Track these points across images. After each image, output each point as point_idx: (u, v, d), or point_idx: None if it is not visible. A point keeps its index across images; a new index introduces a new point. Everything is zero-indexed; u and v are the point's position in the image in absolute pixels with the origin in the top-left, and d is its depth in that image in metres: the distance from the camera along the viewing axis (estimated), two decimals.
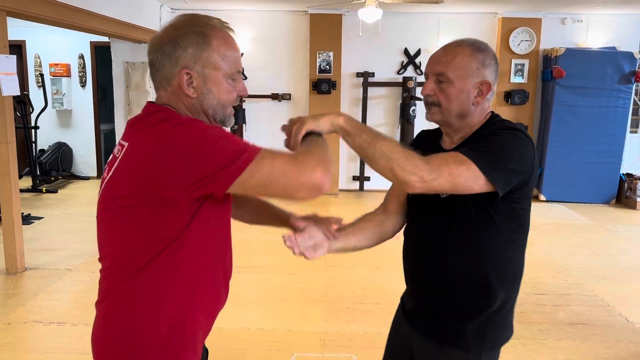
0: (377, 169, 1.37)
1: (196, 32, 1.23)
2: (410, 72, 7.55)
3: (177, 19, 1.27)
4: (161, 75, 1.26)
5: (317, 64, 7.35)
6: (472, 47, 1.48)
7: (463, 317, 1.50)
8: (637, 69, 7.00)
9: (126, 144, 1.22)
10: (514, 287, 1.54)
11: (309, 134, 1.36)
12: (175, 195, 1.16)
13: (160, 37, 1.25)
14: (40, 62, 8.28)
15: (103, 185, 1.28)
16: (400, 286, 1.77)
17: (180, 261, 1.24)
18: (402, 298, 1.73)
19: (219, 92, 1.27)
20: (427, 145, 1.62)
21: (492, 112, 1.55)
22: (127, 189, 1.20)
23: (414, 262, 1.62)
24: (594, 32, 7.34)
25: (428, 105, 1.51)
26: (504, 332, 1.55)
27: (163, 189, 1.15)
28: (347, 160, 7.71)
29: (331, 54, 7.29)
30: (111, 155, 1.30)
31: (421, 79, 7.48)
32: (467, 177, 1.33)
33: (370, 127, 1.41)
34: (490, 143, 1.40)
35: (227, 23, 1.31)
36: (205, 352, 1.51)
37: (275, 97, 7.61)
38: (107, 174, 1.26)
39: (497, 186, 1.36)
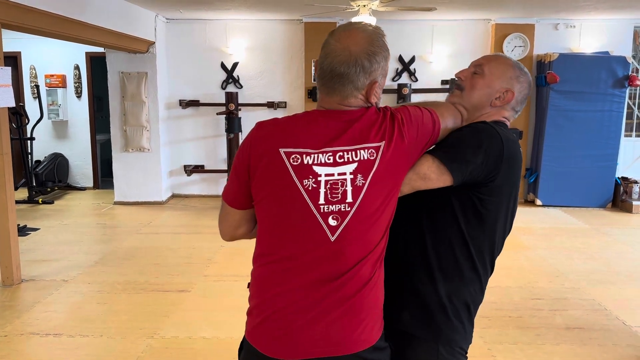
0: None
1: (384, 48, 1.40)
2: (405, 78, 7.58)
3: (363, 33, 1.38)
4: (354, 86, 1.37)
5: (312, 72, 7.37)
6: (514, 63, 1.63)
7: (410, 301, 1.56)
8: (630, 73, 7.04)
9: (381, 144, 1.36)
10: (461, 288, 1.56)
11: None
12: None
13: (357, 51, 1.35)
14: (35, 74, 8.29)
15: (364, 192, 1.36)
16: None
17: None
18: None
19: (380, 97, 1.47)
20: None
21: (504, 123, 1.62)
22: (396, 177, 1.40)
23: None
24: (586, 37, 7.39)
25: (454, 86, 1.67)
26: (457, 334, 1.57)
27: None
28: None
29: None
30: (352, 164, 1.36)
31: (416, 85, 7.52)
32: (421, 164, 1.45)
33: None
34: (451, 138, 1.52)
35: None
36: None
37: (271, 105, 7.63)
38: (366, 180, 1.35)
39: (453, 175, 1.44)
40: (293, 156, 1.34)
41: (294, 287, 1.39)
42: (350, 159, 1.35)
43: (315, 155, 1.34)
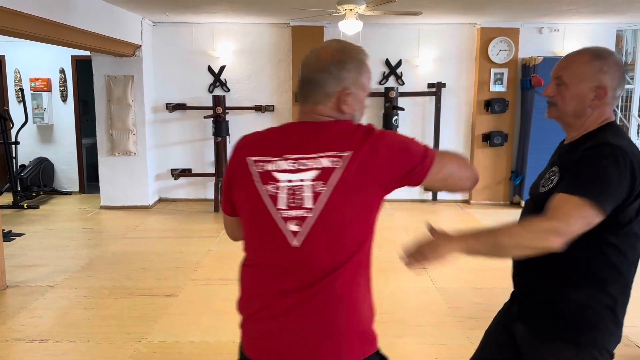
0: (516, 258, 1.59)
1: (357, 59, 1.44)
2: (392, 82, 7.62)
3: (337, 44, 1.47)
4: (323, 92, 1.42)
5: (300, 75, 7.36)
6: (591, 54, 1.61)
7: (560, 307, 1.60)
8: None
9: (347, 153, 1.36)
10: (603, 291, 1.58)
11: None
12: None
13: (326, 59, 1.42)
14: (20, 77, 8.21)
15: (327, 200, 1.36)
16: (385, 295, 1.79)
17: None
18: (512, 294, 1.86)
19: (362, 110, 1.49)
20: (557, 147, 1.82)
21: (612, 121, 1.64)
22: (367, 191, 1.37)
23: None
24: (570, 41, 7.48)
25: (548, 104, 1.70)
26: (606, 334, 1.59)
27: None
28: None
29: None
30: (312, 171, 1.38)
31: (403, 89, 7.56)
32: (593, 214, 1.45)
33: (477, 230, 1.52)
34: (584, 174, 1.50)
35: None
36: None
37: (258, 109, 7.62)
38: (327, 187, 1.36)
39: (607, 210, 1.47)
40: (258, 164, 1.41)
41: (264, 292, 1.44)
42: (311, 167, 1.37)
43: (277, 162, 1.40)
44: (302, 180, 1.37)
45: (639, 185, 1.50)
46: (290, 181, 1.38)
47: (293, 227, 1.38)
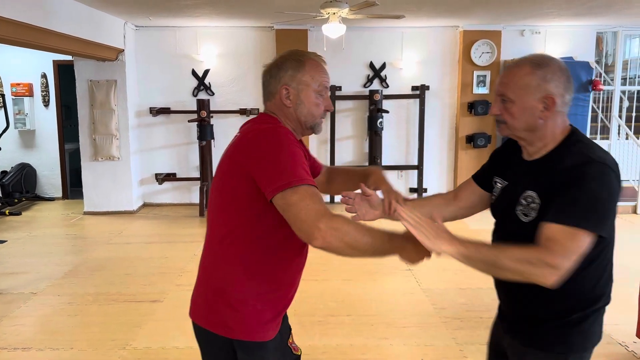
0: (510, 280, 1.48)
1: (295, 59, 1.66)
2: (376, 85, 7.65)
3: (286, 53, 1.72)
4: (268, 91, 1.72)
5: None
6: (531, 64, 1.53)
7: (542, 321, 1.60)
8: (593, 78, 7.24)
9: (237, 134, 1.69)
10: (593, 298, 1.58)
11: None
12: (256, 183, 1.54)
13: (270, 64, 1.71)
14: (1, 82, 8.07)
15: (218, 165, 1.70)
16: (371, 297, 1.80)
17: None
18: (499, 305, 1.83)
19: (309, 104, 1.67)
20: (508, 156, 1.74)
21: (572, 128, 1.59)
22: (227, 168, 1.62)
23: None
24: (551, 43, 7.57)
25: (497, 122, 1.63)
26: (590, 336, 1.60)
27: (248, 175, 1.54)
28: None
29: None
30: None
31: (387, 91, 7.60)
32: (589, 242, 1.42)
33: (477, 240, 1.47)
34: (585, 199, 1.43)
35: (320, 56, 1.72)
36: None
37: (243, 112, 7.61)
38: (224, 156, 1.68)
39: (605, 234, 1.46)
40: None
41: None
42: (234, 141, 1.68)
43: None
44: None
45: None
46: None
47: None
